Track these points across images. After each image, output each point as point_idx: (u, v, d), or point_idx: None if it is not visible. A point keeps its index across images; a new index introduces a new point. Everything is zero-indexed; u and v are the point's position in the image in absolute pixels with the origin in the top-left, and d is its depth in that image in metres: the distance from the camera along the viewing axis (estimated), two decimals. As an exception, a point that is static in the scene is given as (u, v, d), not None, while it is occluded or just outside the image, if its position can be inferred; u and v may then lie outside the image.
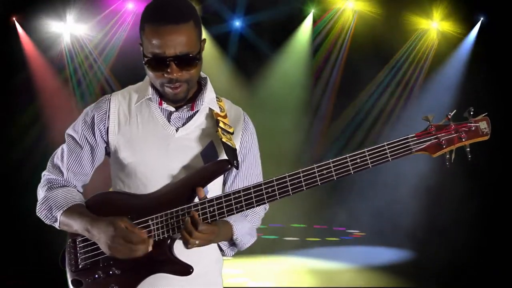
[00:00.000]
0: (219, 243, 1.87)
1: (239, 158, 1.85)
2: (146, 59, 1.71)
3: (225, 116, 1.85)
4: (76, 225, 1.76)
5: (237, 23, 6.51)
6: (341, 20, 7.43)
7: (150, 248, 1.68)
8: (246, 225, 1.85)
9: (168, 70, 1.68)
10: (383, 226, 6.38)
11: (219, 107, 1.86)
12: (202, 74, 1.89)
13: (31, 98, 6.61)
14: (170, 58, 1.67)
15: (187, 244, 1.65)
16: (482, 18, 7.55)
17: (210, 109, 1.84)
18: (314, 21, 7.23)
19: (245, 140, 1.89)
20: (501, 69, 7.14)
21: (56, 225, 1.83)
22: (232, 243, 1.86)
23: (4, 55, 6.73)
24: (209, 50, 6.23)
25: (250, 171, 1.91)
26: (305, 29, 7.09)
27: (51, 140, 5.86)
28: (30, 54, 7.24)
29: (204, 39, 1.79)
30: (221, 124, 1.79)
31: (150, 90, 1.82)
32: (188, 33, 1.68)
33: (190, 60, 1.70)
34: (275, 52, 6.72)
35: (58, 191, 1.84)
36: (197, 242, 1.65)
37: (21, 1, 6.61)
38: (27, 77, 6.94)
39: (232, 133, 1.82)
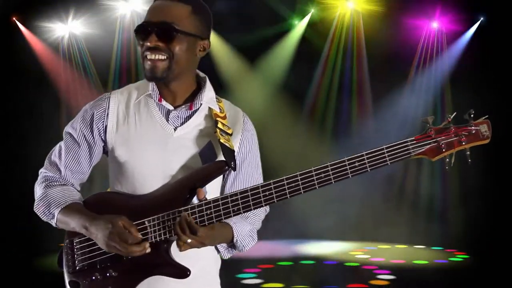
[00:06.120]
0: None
1: (238, 160, 1.83)
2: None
3: (224, 117, 1.82)
4: (73, 223, 1.75)
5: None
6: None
7: (147, 251, 1.66)
8: (246, 227, 1.83)
9: (149, 37, 1.70)
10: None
11: (219, 108, 1.84)
12: (201, 74, 1.87)
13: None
14: (152, 25, 1.70)
15: (179, 247, 1.64)
16: (482, 18, 7.57)
17: (209, 109, 1.82)
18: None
19: (245, 141, 1.87)
20: (498, 68, 7.14)
21: (53, 222, 1.82)
22: (231, 245, 1.84)
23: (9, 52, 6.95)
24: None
25: (250, 173, 1.89)
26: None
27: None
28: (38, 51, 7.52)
29: (208, 43, 1.79)
30: (219, 125, 1.77)
31: (151, 85, 1.81)
32: (180, 10, 1.71)
33: (170, 31, 1.70)
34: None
35: (56, 189, 1.83)
36: (189, 241, 1.62)
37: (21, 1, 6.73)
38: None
39: (231, 134, 1.79)
